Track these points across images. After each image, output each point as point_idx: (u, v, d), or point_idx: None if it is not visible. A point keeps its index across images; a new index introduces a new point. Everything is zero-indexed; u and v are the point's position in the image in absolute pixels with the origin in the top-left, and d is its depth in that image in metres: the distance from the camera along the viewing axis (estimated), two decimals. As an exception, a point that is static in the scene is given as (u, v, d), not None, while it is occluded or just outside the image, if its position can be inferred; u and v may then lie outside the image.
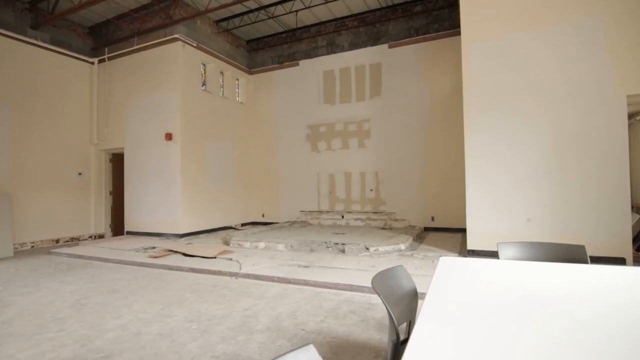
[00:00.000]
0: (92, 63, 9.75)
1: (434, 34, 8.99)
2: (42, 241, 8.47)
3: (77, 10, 7.68)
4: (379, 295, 1.53)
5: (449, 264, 2.19)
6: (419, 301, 1.90)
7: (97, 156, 9.85)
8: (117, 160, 9.93)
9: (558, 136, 5.35)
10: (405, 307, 1.82)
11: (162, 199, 8.76)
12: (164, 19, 8.76)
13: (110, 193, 9.95)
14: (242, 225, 10.79)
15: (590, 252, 2.57)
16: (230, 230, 9.94)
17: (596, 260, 4.82)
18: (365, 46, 9.86)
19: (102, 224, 9.81)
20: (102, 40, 9.83)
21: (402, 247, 6.26)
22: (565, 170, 5.30)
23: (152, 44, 8.96)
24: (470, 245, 5.73)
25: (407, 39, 9.29)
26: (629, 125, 5.92)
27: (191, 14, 8.57)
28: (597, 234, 5.12)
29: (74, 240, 9.11)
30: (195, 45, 9.10)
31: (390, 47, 9.47)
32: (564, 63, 5.34)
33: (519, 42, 5.59)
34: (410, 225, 8.90)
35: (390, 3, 9.34)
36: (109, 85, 9.68)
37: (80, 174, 9.46)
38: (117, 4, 8.67)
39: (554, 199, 5.33)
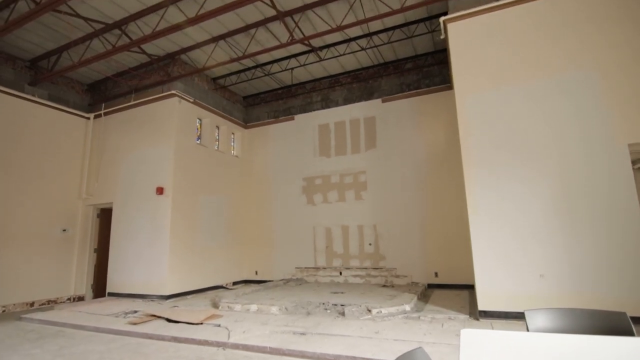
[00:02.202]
0: (88, 118, 9.77)
1: (426, 89, 9.22)
2: (14, 304, 7.78)
3: (77, 68, 7.82)
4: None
5: (474, 340, 1.81)
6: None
7: (84, 211, 9.46)
8: (105, 216, 9.54)
9: (564, 187, 5.17)
10: (430, 404, 1.43)
11: (149, 257, 8.25)
12: (162, 76, 8.94)
13: (95, 251, 9.42)
14: (234, 284, 10.13)
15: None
16: (221, 289, 9.30)
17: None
18: (359, 101, 10.07)
19: (84, 284, 9.15)
20: (100, 96, 9.96)
21: (407, 308, 5.75)
22: (575, 221, 5.04)
23: (149, 100, 9.05)
24: (481, 306, 5.26)
25: (399, 94, 9.51)
26: (637, 170, 5.79)
27: (189, 72, 8.77)
28: (617, 291, 4.72)
29: (51, 303, 8.39)
30: (191, 100, 9.21)
31: (383, 101, 9.67)
32: (563, 114, 5.33)
33: (514, 93, 5.63)
34: (412, 282, 8.37)
35: (381, 61, 9.71)
36: (103, 139, 9.61)
37: (64, 230, 9.01)
38: (117, 62, 8.89)
39: (566, 252, 5.01)
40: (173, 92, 8.73)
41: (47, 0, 6.08)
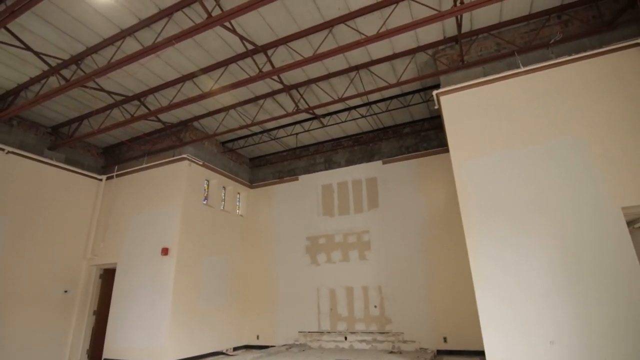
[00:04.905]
0: (100, 180, 10.15)
1: (424, 152, 9.65)
2: (5, 373, 7.47)
3: (96, 134, 8.36)
4: None
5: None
6: None
7: (87, 272, 9.44)
8: (107, 277, 9.49)
9: (567, 250, 5.22)
10: None
11: (150, 320, 8.06)
12: (174, 141, 9.48)
13: (94, 313, 9.22)
14: (235, 349, 9.72)
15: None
16: (221, 356, 8.92)
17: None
18: (360, 162, 10.49)
19: (79, 349, 8.82)
20: (114, 159, 10.46)
21: (416, 377, 5.52)
22: (581, 285, 5.04)
23: (160, 163, 9.47)
24: (492, 376, 5.08)
25: (399, 156, 9.94)
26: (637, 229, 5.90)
27: (200, 137, 9.32)
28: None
29: (41, 373, 8.04)
30: (201, 163, 9.64)
31: (384, 163, 10.07)
32: (556, 180, 5.54)
33: (509, 160, 5.91)
34: (421, 348, 8.05)
35: (381, 126, 10.30)
36: (112, 200, 9.88)
37: (66, 291, 8.91)
38: (133, 129, 9.49)
39: (576, 317, 4.94)
40: (184, 156, 9.18)
41: (76, 77, 6.74)
